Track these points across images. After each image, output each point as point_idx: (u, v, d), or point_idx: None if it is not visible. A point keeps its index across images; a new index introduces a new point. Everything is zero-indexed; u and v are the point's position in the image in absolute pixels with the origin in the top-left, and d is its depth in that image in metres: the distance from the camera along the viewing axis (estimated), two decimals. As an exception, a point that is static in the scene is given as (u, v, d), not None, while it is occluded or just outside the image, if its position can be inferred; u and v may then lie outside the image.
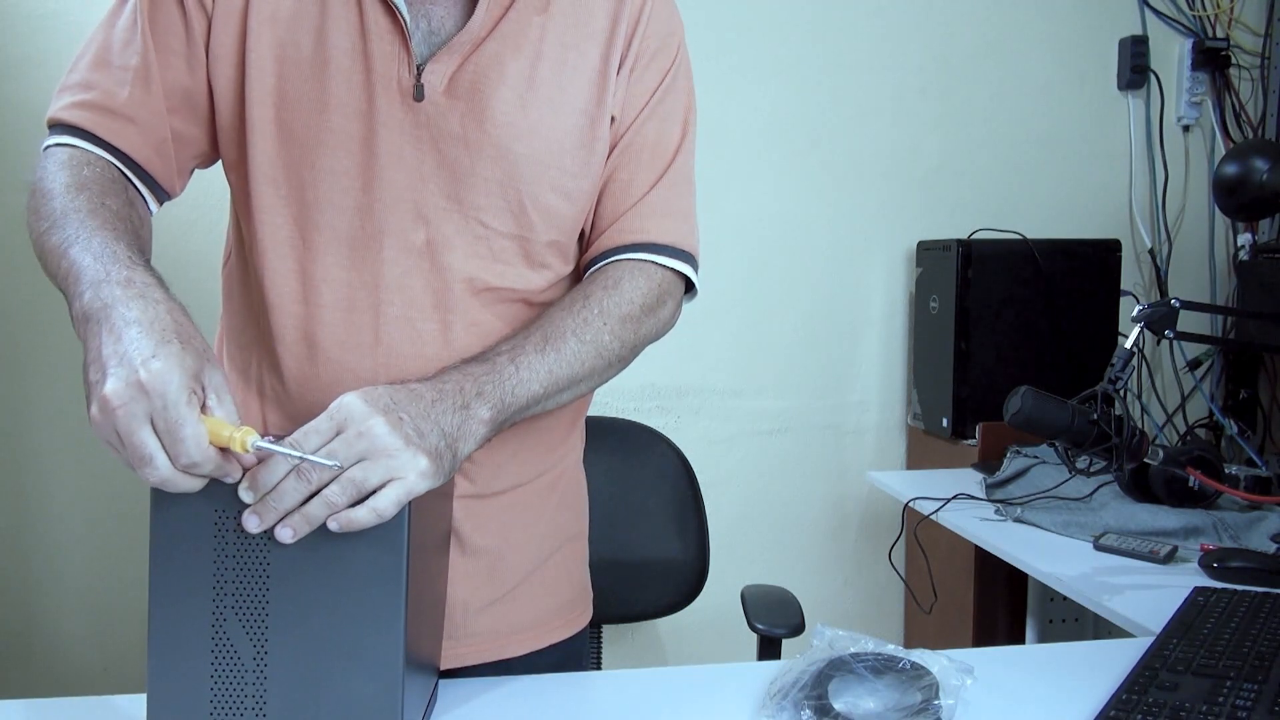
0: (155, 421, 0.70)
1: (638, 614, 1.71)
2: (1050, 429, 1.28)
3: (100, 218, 0.85)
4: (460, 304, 0.96)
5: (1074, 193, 2.47)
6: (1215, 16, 2.47)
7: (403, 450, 0.76)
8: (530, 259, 0.99)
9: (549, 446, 1.06)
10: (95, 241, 0.81)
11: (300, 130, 0.93)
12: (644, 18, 1.00)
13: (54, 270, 0.84)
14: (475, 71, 0.93)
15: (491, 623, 1.03)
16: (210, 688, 0.76)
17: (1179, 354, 2.45)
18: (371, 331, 0.94)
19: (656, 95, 1.01)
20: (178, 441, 0.70)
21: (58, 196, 0.87)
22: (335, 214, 0.94)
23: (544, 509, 1.06)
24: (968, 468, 2.08)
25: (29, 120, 2.06)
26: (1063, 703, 0.94)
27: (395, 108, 0.92)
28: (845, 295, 2.40)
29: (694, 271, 1.04)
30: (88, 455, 2.13)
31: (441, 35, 0.94)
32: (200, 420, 0.71)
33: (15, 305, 2.09)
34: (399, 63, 0.92)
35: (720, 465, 2.33)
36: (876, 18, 2.35)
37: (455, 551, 0.99)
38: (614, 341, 0.96)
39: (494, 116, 0.93)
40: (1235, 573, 1.35)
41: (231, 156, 0.97)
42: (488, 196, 0.95)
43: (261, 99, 0.92)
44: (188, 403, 0.70)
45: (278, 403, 0.99)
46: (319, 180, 0.93)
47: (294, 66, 0.92)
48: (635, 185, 1.01)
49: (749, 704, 0.93)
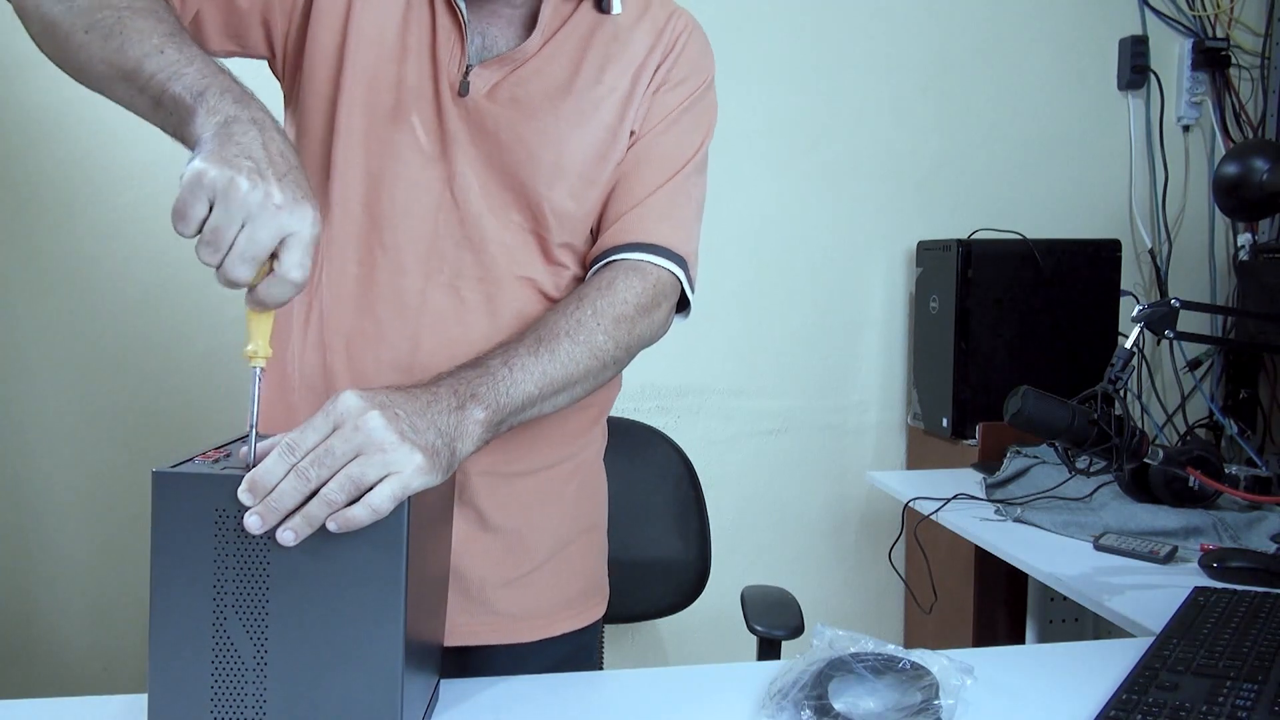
0: (244, 239, 0.75)
1: (639, 614, 1.71)
2: (1050, 429, 1.28)
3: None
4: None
5: (1074, 193, 2.47)
6: (1215, 16, 2.47)
7: (399, 445, 0.76)
8: (548, 256, 1.04)
9: (572, 435, 1.10)
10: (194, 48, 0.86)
11: (381, 106, 0.99)
12: (679, 47, 1.07)
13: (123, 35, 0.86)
14: (517, 84, 1.00)
15: (508, 603, 1.06)
16: (210, 687, 0.76)
17: (1179, 354, 2.45)
18: (419, 295, 1.01)
19: (676, 114, 1.07)
20: (237, 258, 0.75)
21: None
22: (403, 185, 1.00)
23: (563, 495, 1.10)
24: (968, 468, 2.08)
25: (29, 120, 2.06)
26: (1063, 703, 0.94)
27: (448, 98, 1.00)
28: (845, 295, 2.40)
29: (688, 282, 1.06)
30: (88, 455, 2.13)
31: (493, 52, 1.01)
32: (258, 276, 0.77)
33: (15, 305, 2.09)
34: (455, 60, 1.00)
35: (720, 465, 2.33)
36: (876, 18, 2.35)
37: (476, 528, 1.04)
38: (608, 342, 0.97)
39: (528, 125, 1.00)
40: (1235, 573, 1.35)
41: (316, 120, 1.01)
42: (511, 193, 1.01)
43: (355, 78, 0.98)
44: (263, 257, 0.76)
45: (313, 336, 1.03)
46: (395, 151, 0.99)
47: (380, 46, 0.99)
48: (639, 189, 1.05)
49: (749, 704, 0.93)
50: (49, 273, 2.09)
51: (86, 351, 2.11)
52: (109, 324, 2.11)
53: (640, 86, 1.04)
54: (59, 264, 2.09)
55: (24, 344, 2.10)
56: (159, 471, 0.76)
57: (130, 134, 2.02)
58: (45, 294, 2.10)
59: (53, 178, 2.07)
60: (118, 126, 2.04)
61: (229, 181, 0.74)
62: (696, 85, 1.08)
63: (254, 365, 0.79)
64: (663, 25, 1.06)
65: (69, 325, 2.11)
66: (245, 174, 0.75)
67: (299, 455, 0.75)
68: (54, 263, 2.09)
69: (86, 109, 2.04)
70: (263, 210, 0.75)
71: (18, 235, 2.08)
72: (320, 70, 1.00)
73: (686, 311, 1.09)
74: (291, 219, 0.76)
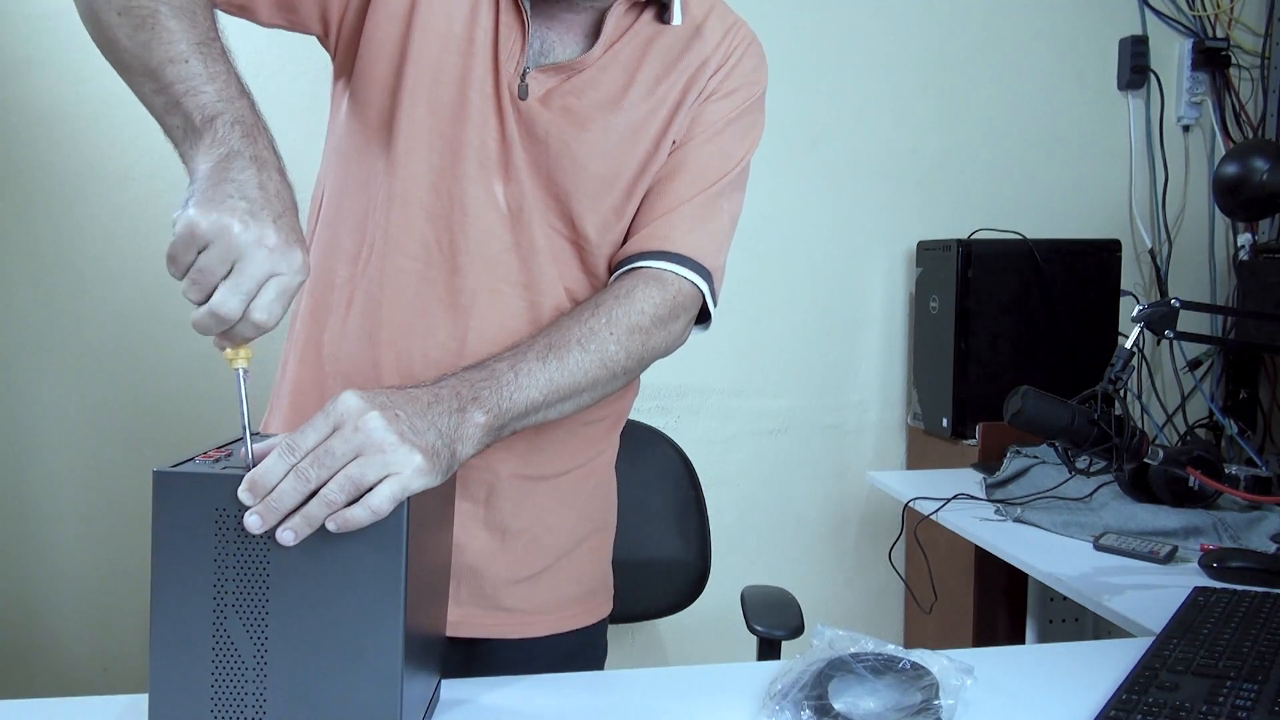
0: (234, 275, 0.76)
1: (639, 614, 1.71)
2: (1050, 429, 1.28)
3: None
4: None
5: (1074, 193, 2.47)
6: (1215, 16, 2.47)
7: (398, 446, 0.76)
8: (586, 267, 1.04)
9: (591, 440, 1.11)
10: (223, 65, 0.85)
11: (445, 101, 0.98)
12: (734, 58, 1.06)
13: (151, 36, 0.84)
14: (570, 92, 0.99)
15: (518, 600, 1.07)
16: (210, 687, 0.76)
17: (1179, 354, 2.45)
18: (470, 295, 1.00)
19: (721, 125, 1.05)
20: (229, 292, 0.76)
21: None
22: (462, 186, 0.99)
23: (578, 497, 1.11)
24: (968, 468, 2.08)
25: (29, 120, 2.06)
26: (1063, 703, 0.94)
27: (507, 100, 0.99)
28: (845, 295, 2.40)
29: (711, 295, 1.05)
30: (88, 455, 2.13)
31: (549, 58, 1.00)
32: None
33: (16, 304, 2.09)
34: (514, 61, 0.98)
35: (720, 465, 2.33)
36: (876, 18, 2.35)
37: (491, 528, 1.04)
38: (620, 352, 0.97)
39: (577, 136, 0.99)
40: (1235, 573, 1.35)
41: (375, 111, 1.00)
42: (556, 201, 1.01)
43: (420, 70, 0.97)
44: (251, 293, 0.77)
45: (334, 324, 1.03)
46: (459, 150, 0.98)
47: (447, 40, 0.97)
48: (672, 197, 1.03)
49: (749, 704, 0.93)
50: (49, 272, 2.09)
51: (86, 351, 2.12)
52: (109, 324, 2.11)
53: (690, 96, 1.03)
54: (59, 263, 2.09)
55: (24, 343, 2.10)
56: (159, 471, 0.76)
57: (131, 134, 2.03)
58: (45, 294, 2.10)
59: (53, 177, 2.07)
60: (118, 126, 2.04)
61: (222, 228, 0.75)
62: (746, 98, 1.07)
63: (236, 367, 0.80)
64: (721, 36, 1.05)
65: (69, 325, 2.11)
66: (238, 216, 0.76)
67: (299, 455, 0.75)
68: (54, 262, 2.09)
69: (86, 109, 2.05)
70: (256, 250, 0.76)
71: (18, 235, 2.08)
72: (381, 59, 0.98)
73: (707, 324, 1.08)
74: (281, 262, 0.77)
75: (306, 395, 1.05)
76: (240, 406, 0.80)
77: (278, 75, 2.06)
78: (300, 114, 1.87)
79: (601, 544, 1.17)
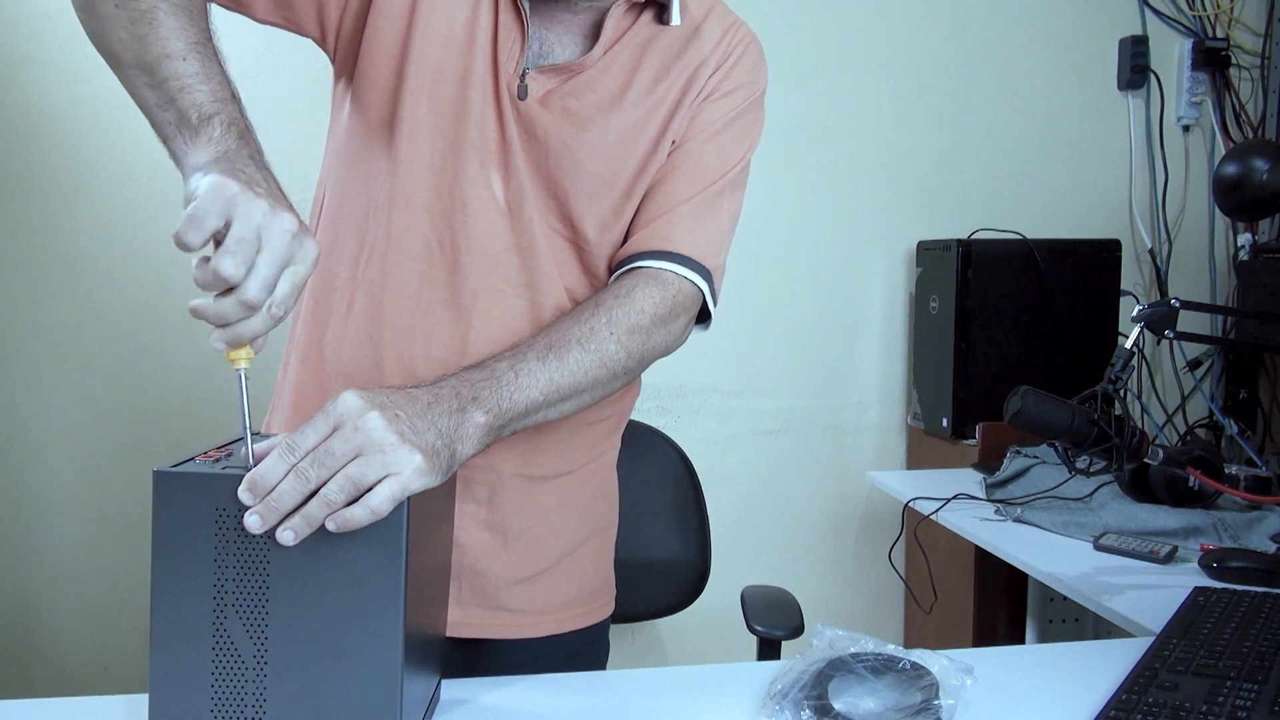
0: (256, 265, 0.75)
1: (639, 614, 1.71)
2: (1050, 429, 1.28)
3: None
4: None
5: (1074, 193, 2.47)
6: (1215, 16, 2.47)
7: (398, 446, 0.76)
8: (585, 267, 1.04)
9: (594, 440, 1.11)
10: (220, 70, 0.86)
11: (446, 101, 0.98)
12: (733, 58, 1.05)
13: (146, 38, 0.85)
14: (569, 93, 0.99)
15: (520, 600, 1.07)
16: (210, 687, 0.76)
17: (1179, 354, 2.45)
18: (471, 295, 1.00)
19: (720, 124, 1.05)
20: (250, 285, 0.74)
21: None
22: (464, 185, 0.99)
23: (580, 498, 1.11)
24: (968, 468, 2.08)
25: (29, 120, 2.06)
26: (1063, 703, 0.94)
27: (506, 100, 0.98)
28: (845, 295, 2.40)
29: (711, 294, 1.05)
30: (87, 455, 2.13)
31: (548, 58, 1.00)
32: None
33: (16, 304, 2.09)
34: (513, 61, 0.98)
35: (720, 465, 2.33)
36: (876, 18, 2.35)
37: (493, 528, 1.04)
38: (620, 352, 0.97)
39: (576, 136, 0.99)
40: (1235, 573, 1.35)
41: (375, 112, 1.00)
42: (555, 201, 1.01)
43: (420, 70, 0.97)
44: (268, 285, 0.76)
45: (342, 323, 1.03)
46: (459, 149, 0.98)
47: (448, 39, 0.97)
48: (672, 196, 1.03)
49: (749, 704, 0.93)
50: (49, 272, 2.09)
51: (86, 351, 2.12)
52: (109, 323, 2.11)
53: (689, 95, 1.03)
54: (59, 263, 2.09)
55: (24, 343, 2.10)
56: (159, 471, 0.76)
57: (131, 134, 2.02)
58: (45, 293, 2.10)
59: (53, 177, 2.07)
60: (118, 126, 2.04)
61: (251, 200, 0.75)
62: (746, 98, 1.07)
63: (237, 368, 0.79)
64: (720, 36, 1.05)
65: (69, 325, 2.11)
66: (263, 198, 0.76)
67: (299, 455, 0.75)
68: (54, 262, 2.09)
69: (86, 108, 2.05)
70: (281, 235, 0.76)
71: (18, 234, 2.08)
72: (382, 60, 0.98)
73: (707, 323, 1.09)
74: (300, 249, 0.77)
75: (308, 396, 1.05)
76: (241, 406, 0.80)
77: (278, 75, 2.06)
78: (300, 114, 1.88)
79: (603, 544, 1.17)
